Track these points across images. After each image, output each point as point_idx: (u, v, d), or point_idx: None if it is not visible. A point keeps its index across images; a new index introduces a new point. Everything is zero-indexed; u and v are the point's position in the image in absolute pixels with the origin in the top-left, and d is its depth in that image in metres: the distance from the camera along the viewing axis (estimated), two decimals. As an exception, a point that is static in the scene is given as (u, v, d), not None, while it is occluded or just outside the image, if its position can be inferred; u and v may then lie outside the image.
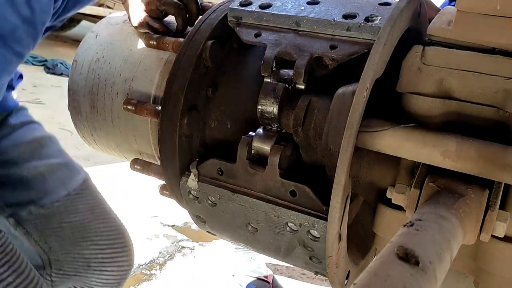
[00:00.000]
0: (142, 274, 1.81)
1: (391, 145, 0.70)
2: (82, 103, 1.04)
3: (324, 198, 0.72)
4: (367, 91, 0.63)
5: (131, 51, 1.00)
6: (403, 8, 0.69)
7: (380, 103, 0.75)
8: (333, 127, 0.70)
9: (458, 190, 0.66)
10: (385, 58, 0.67)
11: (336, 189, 0.64)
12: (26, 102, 3.69)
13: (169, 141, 0.84)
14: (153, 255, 1.96)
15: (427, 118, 0.72)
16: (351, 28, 0.74)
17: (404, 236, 0.52)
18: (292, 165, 0.78)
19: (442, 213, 0.58)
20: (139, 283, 1.76)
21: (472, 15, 0.68)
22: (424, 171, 0.72)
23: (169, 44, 0.91)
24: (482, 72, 0.68)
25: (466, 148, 0.66)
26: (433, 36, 0.73)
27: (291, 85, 0.77)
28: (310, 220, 0.73)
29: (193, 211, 0.88)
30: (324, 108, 0.74)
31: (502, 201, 0.69)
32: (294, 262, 0.83)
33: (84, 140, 1.13)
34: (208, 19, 0.88)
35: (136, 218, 2.18)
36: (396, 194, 0.73)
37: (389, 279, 0.42)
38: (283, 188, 0.75)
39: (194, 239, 2.11)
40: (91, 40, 1.06)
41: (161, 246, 2.03)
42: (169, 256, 1.97)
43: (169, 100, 0.83)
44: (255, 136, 0.78)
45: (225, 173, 0.80)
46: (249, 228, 0.82)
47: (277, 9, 0.81)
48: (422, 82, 0.71)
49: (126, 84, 0.98)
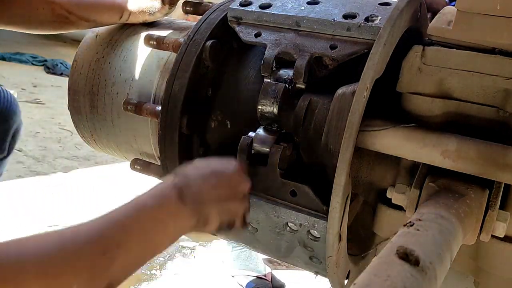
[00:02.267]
0: (142, 274, 1.81)
1: (391, 145, 0.70)
2: (82, 103, 1.04)
3: (324, 198, 0.72)
4: (367, 91, 0.63)
5: (131, 51, 1.00)
6: (403, 8, 0.69)
7: (380, 103, 0.75)
8: (333, 127, 0.70)
9: (458, 190, 0.66)
10: (385, 58, 0.67)
11: (336, 189, 0.64)
12: (26, 102, 3.69)
13: (169, 141, 0.84)
14: (153, 255, 1.96)
15: (427, 118, 0.72)
16: (351, 28, 0.74)
17: (404, 236, 0.52)
18: (292, 165, 0.78)
19: (442, 213, 0.58)
20: (139, 283, 1.76)
21: (472, 15, 0.68)
22: (424, 171, 0.72)
23: (169, 44, 0.91)
24: (482, 72, 0.68)
25: (466, 148, 0.66)
26: (433, 36, 0.73)
27: (291, 85, 0.77)
28: (310, 220, 0.73)
29: (193, 211, 0.88)
30: (324, 108, 0.74)
31: (502, 201, 0.69)
32: (294, 262, 0.83)
33: (84, 140, 1.13)
34: (208, 19, 0.88)
35: (136, 218, 2.18)
36: (396, 194, 0.73)
37: (389, 279, 0.42)
38: (283, 188, 0.75)
39: (194, 239, 2.11)
40: (91, 40, 1.06)
41: (161, 246, 2.03)
42: (169, 256, 1.96)
43: (169, 100, 0.83)
44: (255, 136, 0.78)
45: (225, 173, 0.80)
46: (249, 228, 0.82)
47: (277, 9, 0.81)
48: (422, 82, 0.71)
49: (126, 84, 0.98)
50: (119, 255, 0.52)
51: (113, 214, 0.56)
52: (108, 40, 1.04)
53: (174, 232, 0.60)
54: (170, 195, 0.60)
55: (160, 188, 0.61)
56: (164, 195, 0.60)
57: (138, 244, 0.55)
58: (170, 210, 0.60)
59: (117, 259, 0.52)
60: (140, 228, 0.56)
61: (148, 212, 0.58)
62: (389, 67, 0.69)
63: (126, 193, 2.36)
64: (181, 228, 0.61)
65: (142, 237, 0.56)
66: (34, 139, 2.98)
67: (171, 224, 0.59)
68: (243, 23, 0.84)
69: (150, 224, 0.57)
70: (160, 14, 1.03)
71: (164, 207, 0.59)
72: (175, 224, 0.60)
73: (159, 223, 0.58)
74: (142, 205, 0.58)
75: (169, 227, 0.59)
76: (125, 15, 1.02)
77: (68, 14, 0.98)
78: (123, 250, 0.53)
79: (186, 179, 0.64)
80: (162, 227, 0.59)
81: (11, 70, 4.55)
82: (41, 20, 0.98)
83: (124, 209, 0.57)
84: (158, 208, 0.59)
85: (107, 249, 0.51)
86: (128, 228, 0.55)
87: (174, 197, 0.60)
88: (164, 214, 0.59)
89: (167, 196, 0.60)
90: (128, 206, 0.57)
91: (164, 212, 0.59)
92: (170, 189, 0.61)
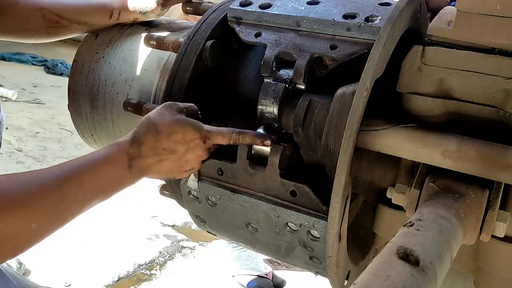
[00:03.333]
0: (142, 274, 1.81)
1: (391, 145, 0.70)
2: (82, 103, 1.04)
3: (324, 198, 0.72)
4: (367, 91, 0.63)
5: (131, 51, 1.00)
6: (403, 8, 0.69)
7: (380, 103, 0.75)
8: (333, 127, 0.70)
9: (458, 190, 0.66)
10: (385, 58, 0.67)
11: (336, 189, 0.64)
12: (26, 102, 3.69)
13: (169, 141, 0.84)
14: (153, 255, 1.96)
15: (427, 118, 0.72)
16: (351, 28, 0.74)
17: (404, 236, 0.52)
18: (292, 165, 0.78)
19: (442, 213, 0.58)
20: (139, 283, 1.76)
21: (472, 15, 0.68)
22: (424, 171, 0.72)
23: (169, 44, 0.91)
24: (482, 72, 0.68)
25: (466, 148, 0.66)
26: (433, 36, 0.73)
27: (291, 85, 0.77)
28: (310, 220, 0.73)
29: (193, 211, 0.88)
30: (324, 108, 0.74)
31: (502, 201, 0.69)
32: (294, 262, 0.83)
33: (84, 140, 1.13)
34: (208, 19, 0.88)
35: (136, 218, 2.18)
36: (396, 194, 0.73)
37: (389, 279, 0.42)
38: (283, 188, 0.75)
39: (194, 239, 2.11)
40: (91, 40, 1.06)
41: (161, 246, 2.03)
42: (169, 256, 1.97)
43: (169, 100, 0.83)
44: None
45: (225, 173, 0.80)
46: (249, 228, 0.82)
47: (277, 9, 0.81)
48: (422, 82, 0.71)
49: (126, 84, 0.98)
50: (72, 204, 0.66)
51: (72, 165, 0.68)
52: (108, 40, 1.04)
53: (118, 186, 0.74)
54: (123, 162, 0.73)
55: (115, 152, 0.73)
56: (116, 161, 0.73)
57: (90, 195, 0.69)
58: (118, 175, 0.73)
59: (70, 207, 0.66)
60: (93, 181, 0.69)
61: (99, 169, 0.71)
62: (389, 67, 0.69)
63: (126, 193, 2.36)
64: (126, 184, 0.75)
65: (93, 190, 0.69)
66: (34, 139, 2.98)
67: (116, 183, 0.74)
68: (243, 23, 0.83)
69: (102, 180, 0.71)
70: (153, 15, 1.03)
71: (114, 171, 0.73)
72: (120, 182, 0.74)
73: (109, 181, 0.72)
74: (96, 162, 0.71)
75: (115, 185, 0.74)
76: (115, 14, 1.02)
77: (59, 19, 1.00)
78: (76, 200, 0.66)
79: (140, 151, 0.75)
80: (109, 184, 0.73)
81: (11, 70, 4.55)
82: (34, 28, 1.00)
83: (82, 162, 0.70)
84: (108, 169, 0.72)
85: (64, 199, 0.64)
86: (84, 183, 0.67)
87: (125, 165, 0.73)
88: (113, 177, 0.73)
89: (119, 162, 0.73)
90: (85, 161, 0.70)
91: (114, 175, 0.73)
92: (123, 155, 0.74)
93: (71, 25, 1.02)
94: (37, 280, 1.64)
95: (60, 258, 1.78)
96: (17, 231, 0.60)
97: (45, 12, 0.99)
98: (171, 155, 0.76)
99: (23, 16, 0.98)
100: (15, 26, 0.99)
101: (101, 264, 1.82)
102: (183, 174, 0.81)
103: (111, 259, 1.86)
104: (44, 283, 1.63)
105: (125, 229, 2.08)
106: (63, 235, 1.80)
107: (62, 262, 1.77)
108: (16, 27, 0.99)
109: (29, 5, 0.98)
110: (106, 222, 2.07)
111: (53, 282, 1.66)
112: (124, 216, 2.15)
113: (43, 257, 1.74)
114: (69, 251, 1.84)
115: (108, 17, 1.03)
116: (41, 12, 0.99)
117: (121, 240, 2.00)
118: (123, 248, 1.94)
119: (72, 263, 1.78)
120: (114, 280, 1.76)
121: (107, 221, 2.07)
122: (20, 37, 1.02)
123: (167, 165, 0.77)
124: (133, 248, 1.96)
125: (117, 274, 1.78)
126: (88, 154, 0.72)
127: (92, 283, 1.71)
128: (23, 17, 0.98)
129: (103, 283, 1.73)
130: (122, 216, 2.14)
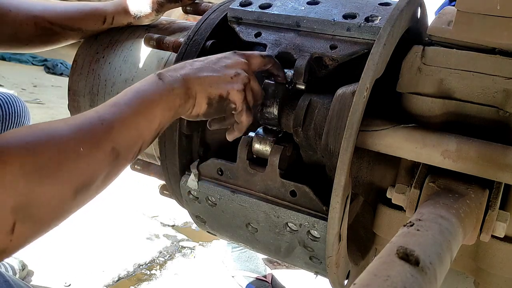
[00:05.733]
0: (142, 274, 1.81)
1: (391, 145, 0.70)
2: (82, 103, 1.04)
3: (324, 198, 0.72)
4: (367, 91, 0.63)
5: (131, 51, 1.00)
6: (403, 8, 0.69)
7: (380, 103, 0.75)
8: (333, 127, 0.70)
9: (458, 190, 0.66)
10: (385, 58, 0.67)
11: (336, 189, 0.64)
12: (26, 102, 3.69)
13: (169, 141, 0.84)
14: (153, 255, 1.96)
15: (427, 118, 0.72)
16: (351, 28, 0.74)
17: (404, 236, 0.52)
18: (292, 165, 0.78)
19: (442, 213, 0.58)
20: (139, 283, 1.76)
21: (472, 15, 0.68)
22: (424, 171, 0.72)
23: (169, 44, 0.91)
24: (482, 72, 0.68)
25: (466, 148, 0.66)
26: (433, 36, 0.73)
27: (291, 85, 0.77)
28: (310, 220, 0.73)
29: (193, 211, 0.88)
30: (324, 108, 0.74)
31: (502, 201, 0.69)
32: (294, 262, 0.83)
33: (84, 140, 1.12)
34: (208, 19, 0.88)
35: (136, 218, 2.18)
36: (396, 194, 0.73)
37: (389, 279, 0.42)
38: (283, 188, 0.75)
39: (194, 239, 2.11)
40: (91, 40, 1.06)
41: (161, 246, 2.03)
42: (169, 256, 1.97)
43: (169, 100, 0.83)
44: (255, 136, 0.78)
45: (225, 173, 0.80)
46: (249, 228, 0.82)
47: (277, 9, 0.81)
48: (422, 82, 0.71)
49: (126, 84, 0.98)
50: (114, 124, 0.60)
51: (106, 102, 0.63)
52: (108, 40, 1.04)
53: (163, 110, 0.65)
54: (153, 79, 0.66)
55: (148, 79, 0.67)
56: (148, 80, 0.66)
57: (132, 118, 0.62)
58: (157, 91, 0.65)
59: (114, 127, 0.60)
60: (129, 104, 0.63)
61: (136, 93, 0.64)
62: (389, 67, 0.69)
63: (126, 192, 2.36)
64: (169, 107, 0.66)
65: (133, 113, 0.62)
66: (34, 139, 2.97)
67: (157, 102, 0.65)
68: (243, 23, 0.84)
69: (139, 101, 0.64)
70: (147, 20, 1.03)
71: (150, 89, 0.65)
72: (162, 103, 0.65)
73: (148, 102, 0.64)
74: (131, 90, 0.65)
75: (157, 105, 0.65)
76: (109, 19, 1.02)
77: (52, 26, 0.99)
78: (117, 120, 0.60)
79: (172, 68, 0.69)
80: (150, 105, 0.64)
81: (11, 70, 4.55)
82: (27, 36, 0.99)
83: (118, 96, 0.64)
84: (146, 89, 0.65)
85: (104, 119, 0.59)
86: (120, 105, 0.62)
87: (156, 79, 0.66)
88: (151, 94, 0.65)
89: (150, 80, 0.66)
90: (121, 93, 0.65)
91: (151, 92, 0.65)
92: (153, 76, 0.67)
93: (64, 32, 1.01)
94: (37, 280, 1.64)
95: (60, 258, 1.78)
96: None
97: (37, 20, 0.98)
98: (213, 65, 0.71)
99: (15, 25, 0.97)
100: (7, 35, 0.98)
101: (101, 264, 1.81)
102: (228, 83, 0.70)
103: (111, 259, 1.85)
104: (44, 283, 1.63)
105: (125, 229, 2.08)
106: (63, 235, 1.81)
107: (62, 262, 1.77)
108: (8, 37, 0.98)
109: (21, 13, 0.96)
110: (106, 222, 2.07)
111: (53, 282, 1.66)
112: (124, 216, 2.15)
113: (43, 257, 1.74)
114: (69, 251, 1.83)
115: (101, 22, 1.02)
116: (34, 20, 0.97)
117: (121, 240, 2.00)
118: (123, 248, 1.94)
119: (72, 263, 1.77)
120: (114, 280, 1.75)
121: (107, 221, 2.07)
122: (13, 46, 1.01)
123: (208, 73, 0.69)
124: (133, 248, 1.96)
125: (117, 274, 1.78)
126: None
127: (92, 283, 1.71)
128: (15, 26, 0.97)
129: (103, 283, 1.72)
130: (122, 216, 2.14)
